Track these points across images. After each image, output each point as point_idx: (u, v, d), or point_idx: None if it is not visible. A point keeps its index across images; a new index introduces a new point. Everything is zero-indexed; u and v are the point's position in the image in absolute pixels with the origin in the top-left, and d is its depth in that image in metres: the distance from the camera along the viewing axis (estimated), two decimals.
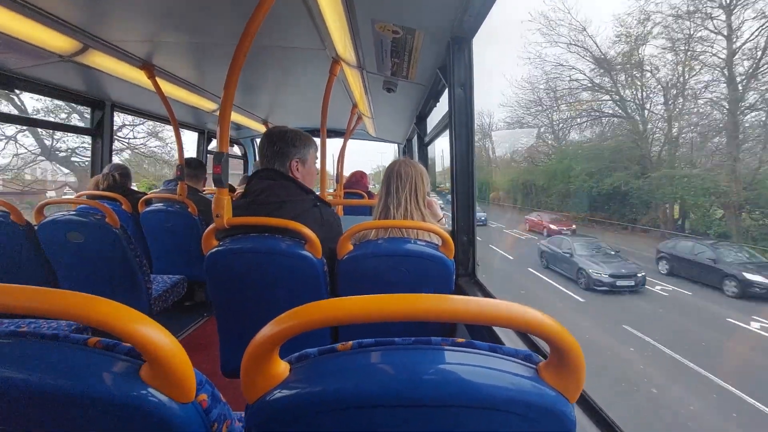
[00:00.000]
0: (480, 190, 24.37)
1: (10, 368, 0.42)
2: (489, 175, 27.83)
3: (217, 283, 1.32)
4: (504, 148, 27.58)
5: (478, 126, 2.45)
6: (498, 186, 27.70)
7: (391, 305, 0.41)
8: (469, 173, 1.65)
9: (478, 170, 1.70)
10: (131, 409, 0.42)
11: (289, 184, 1.39)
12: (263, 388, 0.44)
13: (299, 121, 3.90)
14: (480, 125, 26.58)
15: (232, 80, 1.24)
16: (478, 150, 27.31)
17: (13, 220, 1.86)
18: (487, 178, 27.54)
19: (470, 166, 1.64)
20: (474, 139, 1.64)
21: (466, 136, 1.64)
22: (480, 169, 21.00)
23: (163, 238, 2.59)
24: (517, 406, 0.42)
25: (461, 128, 1.64)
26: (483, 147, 28.23)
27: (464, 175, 1.65)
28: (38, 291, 0.41)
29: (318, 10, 1.42)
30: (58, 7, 1.49)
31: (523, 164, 25.81)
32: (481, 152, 28.11)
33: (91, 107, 2.85)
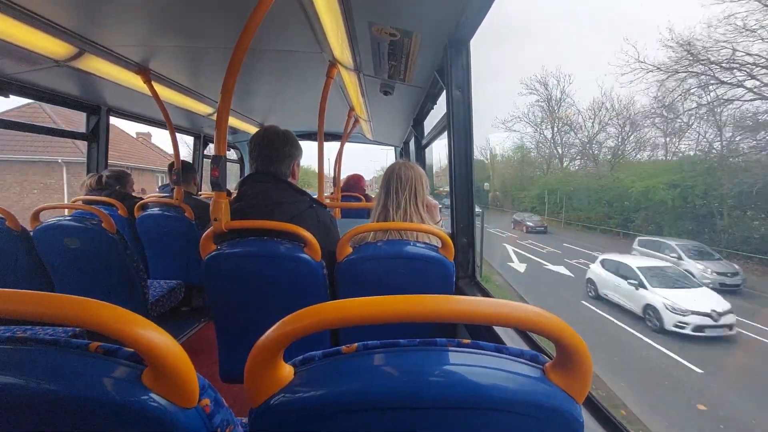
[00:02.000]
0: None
1: (9, 374, 0.42)
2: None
3: (215, 288, 1.31)
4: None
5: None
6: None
7: (399, 306, 0.41)
8: (468, 175, 1.65)
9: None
10: (133, 414, 0.41)
11: (283, 186, 1.38)
12: (268, 392, 0.43)
13: (296, 124, 3.90)
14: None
15: (229, 84, 1.24)
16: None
17: (9, 225, 1.85)
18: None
19: (469, 168, 1.65)
20: (473, 140, 1.64)
21: (465, 138, 1.64)
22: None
23: (160, 243, 2.58)
24: (524, 407, 0.42)
25: (460, 130, 1.64)
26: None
27: (463, 177, 1.65)
28: (40, 296, 0.41)
29: (315, 13, 1.42)
30: (54, 12, 1.48)
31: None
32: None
33: (86, 112, 2.84)
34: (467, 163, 1.65)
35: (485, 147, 34.12)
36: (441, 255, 1.29)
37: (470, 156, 1.65)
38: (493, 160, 33.99)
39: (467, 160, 1.65)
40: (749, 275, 12.26)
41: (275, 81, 2.49)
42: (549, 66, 39.31)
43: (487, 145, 33.88)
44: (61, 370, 0.42)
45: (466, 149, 1.65)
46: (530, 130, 32.84)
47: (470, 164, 1.65)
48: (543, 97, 32.12)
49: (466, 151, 1.64)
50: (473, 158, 1.66)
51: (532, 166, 32.68)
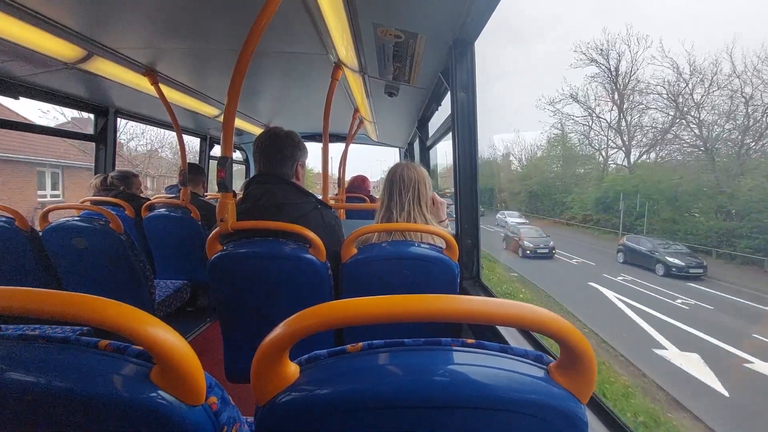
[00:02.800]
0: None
1: (21, 371, 0.42)
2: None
3: (221, 288, 1.32)
4: None
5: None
6: None
7: (403, 306, 0.41)
8: (472, 176, 1.65)
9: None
10: (142, 411, 0.41)
11: (288, 187, 1.39)
12: (273, 390, 0.44)
13: (301, 125, 3.91)
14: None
15: (236, 86, 1.25)
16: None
17: (18, 225, 1.87)
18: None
19: (474, 169, 1.65)
20: (477, 142, 1.64)
21: (470, 139, 1.64)
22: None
23: (166, 243, 2.60)
24: (529, 407, 0.42)
25: (464, 131, 1.64)
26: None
27: (468, 178, 1.65)
28: (50, 294, 0.41)
29: (320, 15, 1.43)
30: (63, 15, 1.50)
31: None
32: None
33: (94, 114, 2.87)
34: (472, 164, 1.65)
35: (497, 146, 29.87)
36: (445, 256, 1.29)
37: (475, 157, 1.65)
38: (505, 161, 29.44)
39: (472, 162, 1.65)
40: None
41: (281, 83, 2.50)
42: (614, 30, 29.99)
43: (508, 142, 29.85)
44: (70, 367, 0.43)
45: (471, 150, 1.65)
46: (576, 113, 24.18)
47: (475, 165, 1.65)
48: (605, 70, 22.65)
49: (470, 153, 1.64)
50: (478, 159, 1.66)
51: (578, 162, 24.49)
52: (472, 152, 1.65)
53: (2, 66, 1.95)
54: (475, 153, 1.65)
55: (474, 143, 1.64)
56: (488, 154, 28.86)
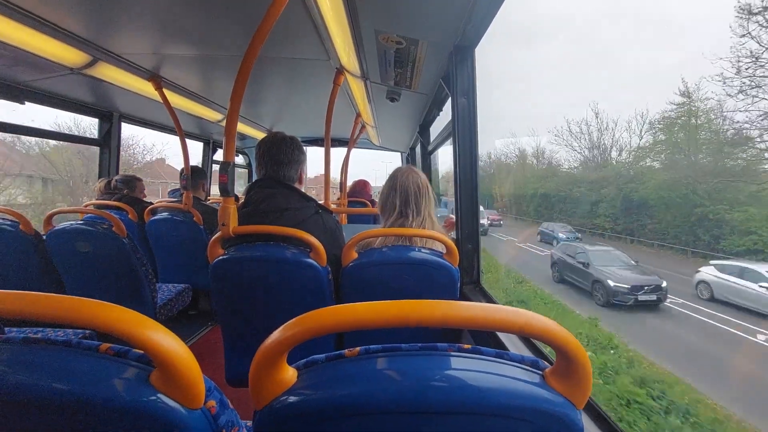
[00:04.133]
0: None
1: (23, 374, 0.43)
2: None
3: (222, 292, 1.33)
4: None
5: None
6: None
7: (401, 311, 0.42)
8: (472, 181, 1.65)
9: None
10: (141, 415, 0.42)
11: (290, 191, 1.40)
12: (271, 394, 0.44)
13: (304, 130, 3.94)
14: None
15: (239, 91, 1.26)
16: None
17: (22, 229, 1.89)
18: None
19: (474, 174, 1.65)
20: (477, 147, 1.65)
21: (470, 144, 1.65)
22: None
23: (169, 247, 2.61)
24: (524, 413, 0.42)
25: (465, 136, 1.65)
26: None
27: (468, 183, 1.66)
28: (52, 298, 0.42)
29: (323, 22, 1.45)
30: (69, 21, 1.52)
31: None
32: None
33: (99, 118, 2.90)
34: (472, 169, 1.65)
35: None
36: (446, 261, 1.30)
37: (475, 162, 1.65)
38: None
39: (472, 167, 1.65)
40: None
41: (283, 88, 2.52)
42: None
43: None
44: (71, 370, 0.44)
45: (471, 155, 1.65)
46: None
47: (475, 170, 1.65)
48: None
49: (471, 158, 1.65)
50: (478, 164, 1.66)
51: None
52: (472, 157, 1.65)
53: (8, 71, 1.98)
54: (476, 158, 1.66)
55: (474, 148, 1.65)
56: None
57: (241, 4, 1.37)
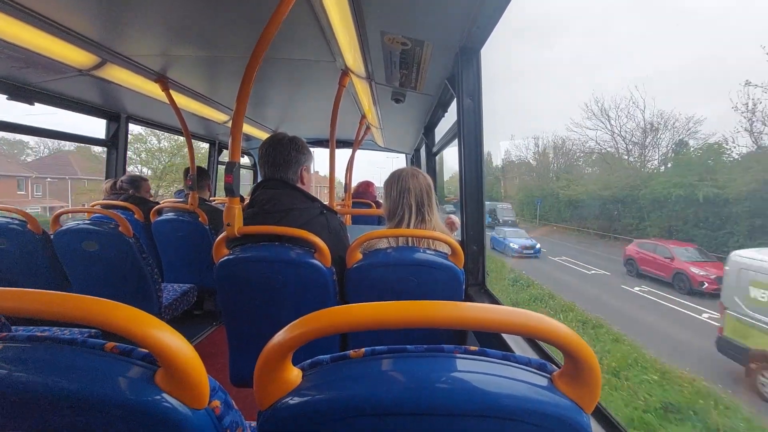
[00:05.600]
0: None
1: (28, 372, 0.43)
2: None
3: (227, 292, 1.33)
4: None
5: None
6: None
7: (406, 312, 0.41)
8: (478, 183, 1.65)
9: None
10: (145, 414, 0.42)
11: (294, 192, 1.40)
12: (276, 395, 0.44)
13: (309, 131, 3.95)
14: None
15: (244, 92, 1.27)
16: None
17: (30, 229, 1.91)
18: None
19: (479, 175, 1.65)
20: (483, 148, 1.65)
21: (475, 145, 1.64)
22: None
23: (174, 247, 2.63)
24: (531, 416, 0.42)
25: (470, 138, 1.64)
26: None
27: (473, 184, 1.65)
28: (59, 296, 0.42)
29: (328, 23, 1.45)
30: (78, 24, 1.54)
31: None
32: None
33: (106, 119, 2.93)
34: (477, 170, 1.65)
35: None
36: (451, 262, 1.29)
37: (481, 163, 1.65)
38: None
39: (478, 168, 1.65)
40: None
41: (289, 89, 2.53)
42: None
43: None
44: (77, 368, 0.44)
45: (477, 157, 1.65)
46: None
47: (481, 172, 1.65)
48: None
49: (476, 159, 1.64)
50: (484, 166, 1.66)
51: None
52: (477, 159, 1.65)
53: (19, 72, 2.00)
54: (481, 159, 1.65)
55: (480, 150, 1.65)
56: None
57: (247, 5, 1.38)
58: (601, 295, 8.96)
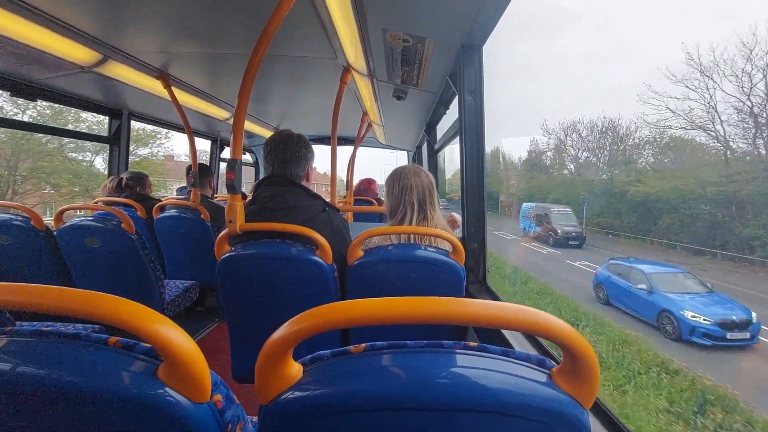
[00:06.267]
0: None
1: (32, 366, 0.44)
2: None
3: (229, 288, 1.34)
4: None
5: None
6: None
7: (406, 308, 0.42)
8: (479, 180, 1.65)
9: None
10: (148, 408, 0.42)
11: (297, 189, 1.40)
12: (277, 390, 0.44)
13: (310, 128, 3.94)
14: None
15: (246, 89, 1.27)
16: None
17: (34, 225, 1.92)
18: None
19: (480, 172, 1.65)
20: (484, 146, 1.64)
21: (477, 143, 1.64)
22: None
23: (176, 244, 2.64)
24: (530, 412, 0.42)
25: (472, 135, 1.64)
26: None
27: (475, 182, 1.65)
28: (63, 291, 0.43)
29: (330, 20, 1.45)
30: (80, 20, 1.54)
31: None
32: None
33: (109, 116, 2.93)
34: (479, 167, 1.65)
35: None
36: (452, 259, 1.29)
37: (482, 161, 1.65)
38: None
39: (479, 165, 1.65)
40: None
41: (290, 86, 2.53)
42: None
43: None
44: (81, 363, 0.44)
45: (478, 154, 1.64)
46: None
47: (482, 169, 1.65)
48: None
49: (477, 156, 1.64)
50: (485, 163, 1.66)
51: None
52: (479, 155, 1.65)
53: (22, 69, 2.00)
54: (483, 156, 1.65)
55: (481, 147, 1.64)
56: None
57: (249, 2, 1.38)
58: None
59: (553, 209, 14.90)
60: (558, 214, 14.52)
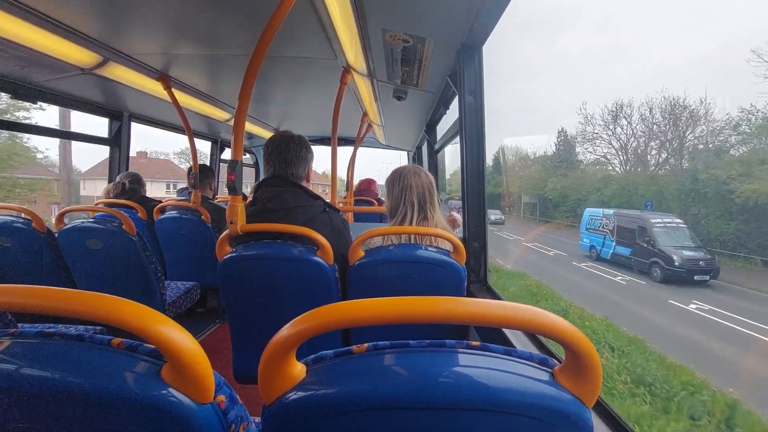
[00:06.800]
0: None
1: (37, 367, 0.44)
2: None
3: (230, 289, 1.34)
4: None
5: None
6: None
7: (407, 307, 0.42)
8: (480, 180, 1.65)
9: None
10: (152, 408, 0.43)
11: (297, 190, 1.41)
12: (280, 390, 0.44)
13: (310, 129, 3.95)
14: None
15: (247, 90, 1.27)
16: None
17: (35, 227, 1.92)
18: None
19: (481, 172, 1.65)
20: (485, 145, 1.64)
21: (477, 142, 1.64)
22: None
23: (177, 245, 2.64)
24: (533, 410, 0.42)
25: (472, 135, 1.64)
26: None
27: (475, 181, 1.65)
28: (67, 292, 0.43)
29: (330, 21, 1.45)
30: (81, 23, 1.54)
31: None
32: None
33: (109, 118, 2.94)
34: (479, 167, 1.65)
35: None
36: (453, 259, 1.29)
37: (482, 160, 1.65)
38: None
39: (479, 165, 1.65)
40: None
41: (290, 87, 2.53)
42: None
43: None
44: (84, 364, 0.44)
45: (479, 154, 1.65)
46: None
47: (482, 169, 1.65)
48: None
49: (478, 156, 1.65)
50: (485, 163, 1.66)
51: None
52: (479, 155, 1.65)
53: (22, 71, 2.01)
54: (483, 156, 1.65)
55: (482, 147, 1.65)
56: None
57: (249, 3, 1.38)
58: None
59: (655, 220, 9.35)
60: (664, 228, 8.86)
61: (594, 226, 12.64)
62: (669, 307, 8.12)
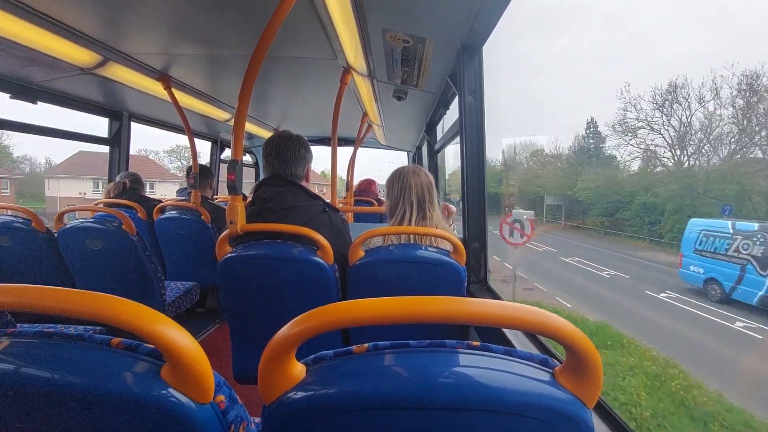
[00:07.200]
0: None
1: (36, 367, 0.44)
2: None
3: (230, 289, 1.34)
4: None
5: None
6: None
7: (407, 307, 0.42)
8: (480, 180, 1.65)
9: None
10: (151, 408, 0.42)
11: (297, 190, 1.41)
12: (280, 390, 0.44)
13: (310, 129, 3.95)
14: None
15: (246, 90, 1.27)
16: None
17: (34, 227, 1.92)
18: None
19: (482, 172, 1.65)
20: (485, 145, 1.64)
21: (477, 143, 1.64)
22: None
23: (177, 245, 2.64)
24: (533, 411, 0.42)
25: (472, 135, 1.64)
26: None
27: (475, 182, 1.65)
28: (67, 292, 0.43)
29: (330, 21, 1.45)
30: (81, 22, 1.54)
31: None
32: None
33: (109, 118, 2.94)
34: (479, 167, 1.65)
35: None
36: (453, 259, 1.29)
37: (483, 161, 1.65)
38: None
39: (479, 165, 1.65)
40: None
41: (290, 87, 2.53)
42: None
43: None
44: (84, 364, 0.44)
45: (479, 154, 1.65)
46: None
47: (482, 169, 1.65)
48: None
49: (478, 156, 1.65)
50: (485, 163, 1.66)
51: None
52: (479, 156, 1.65)
53: (22, 71, 2.01)
54: (483, 156, 1.65)
55: (482, 147, 1.65)
56: None
57: (249, 4, 1.38)
58: None
59: None
60: None
61: (714, 248, 8.54)
62: None
